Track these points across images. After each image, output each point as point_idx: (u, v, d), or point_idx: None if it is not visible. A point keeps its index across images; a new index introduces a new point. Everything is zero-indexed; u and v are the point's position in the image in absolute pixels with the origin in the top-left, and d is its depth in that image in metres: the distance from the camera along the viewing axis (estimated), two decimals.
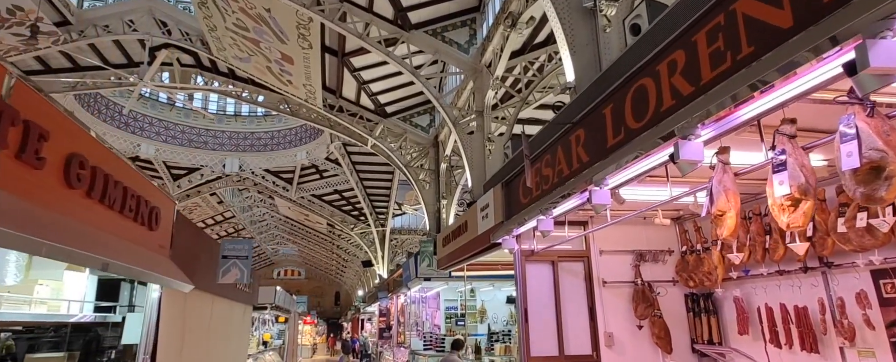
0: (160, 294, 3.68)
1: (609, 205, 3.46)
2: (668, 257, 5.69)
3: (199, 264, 4.58)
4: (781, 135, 2.46)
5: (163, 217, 3.44)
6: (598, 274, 5.57)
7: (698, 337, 5.36)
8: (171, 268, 3.47)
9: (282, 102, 17.62)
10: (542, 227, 4.19)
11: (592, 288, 5.54)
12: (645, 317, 5.35)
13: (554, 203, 4.06)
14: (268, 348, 11.78)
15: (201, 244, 4.57)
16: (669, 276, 5.64)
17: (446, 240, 7.89)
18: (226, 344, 6.20)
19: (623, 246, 5.68)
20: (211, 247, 4.75)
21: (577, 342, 5.40)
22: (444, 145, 15.85)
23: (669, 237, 5.79)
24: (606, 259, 5.64)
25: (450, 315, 11.49)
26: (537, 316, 5.41)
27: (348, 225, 26.29)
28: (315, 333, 33.70)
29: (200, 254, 4.58)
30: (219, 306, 5.63)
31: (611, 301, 5.50)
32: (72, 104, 19.72)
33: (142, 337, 3.46)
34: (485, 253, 6.25)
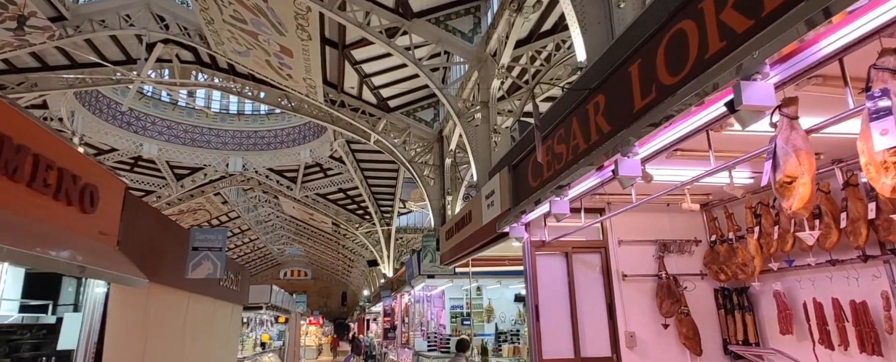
0: (107, 290, 3.09)
1: (638, 177, 2.84)
2: (695, 247, 5.05)
3: (166, 257, 3.99)
4: (882, 71, 1.83)
5: (104, 198, 2.86)
6: (616, 267, 4.94)
7: (731, 336, 4.71)
8: (116, 260, 2.88)
9: (282, 98, 17.10)
10: (557, 210, 3.57)
11: (611, 283, 4.90)
12: (671, 315, 4.71)
13: (571, 181, 3.44)
14: (267, 350, 11.21)
15: (167, 234, 3.99)
16: (697, 269, 5.00)
17: (450, 233, 7.28)
18: (208, 345, 5.59)
19: (644, 235, 5.04)
20: (180, 238, 4.16)
21: (594, 342, 4.77)
22: (449, 140, 15.25)
23: (695, 225, 5.14)
24: (626, 250, 5.00)
25: (455, 314, 10.88)
26: (550, 314, 4.79)
27: (353, 224, 25.74)
28: (321, 334, 33.13)
29: (165, 245, 3.99)
30: (197, 305, 5.03)
31: (632, 296, 4.87)
32: (72, 103, 19.32)
33: (79, 341, 2.89)
34: (491, 244, 5.63)
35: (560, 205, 3.57)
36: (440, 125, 15.88)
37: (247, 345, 9.31)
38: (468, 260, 7.39)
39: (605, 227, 5.07)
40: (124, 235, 3.13)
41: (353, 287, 46.16)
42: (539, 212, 4.52)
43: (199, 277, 4.00)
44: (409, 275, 11.30)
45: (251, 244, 35.84)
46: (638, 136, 2.74)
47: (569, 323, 4.81)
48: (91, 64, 16.20)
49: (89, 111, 20.22)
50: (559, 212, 3.57)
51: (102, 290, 3.04)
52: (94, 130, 20.39)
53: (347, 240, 30.29)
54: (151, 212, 3.73)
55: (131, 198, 3.30)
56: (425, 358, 10.09)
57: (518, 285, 10.82)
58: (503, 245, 6.56)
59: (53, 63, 16.16)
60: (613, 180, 3.98)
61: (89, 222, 2.73)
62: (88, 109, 20.23)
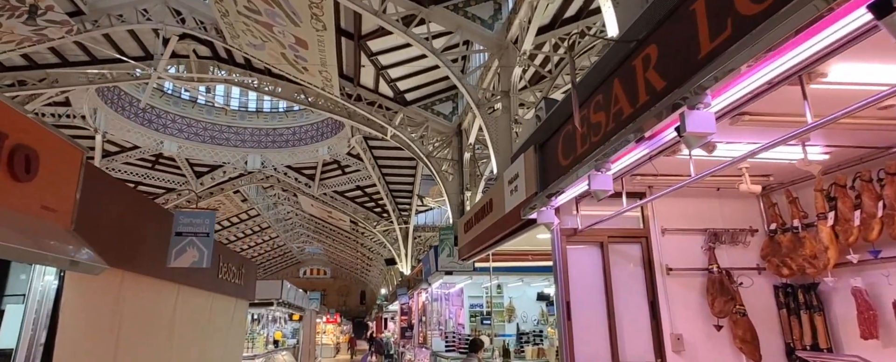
0: (59, 278, 2.56)
1: (710, 134, 2.19)
2: (750, 238, 4.35)
3: (145, 243, 3.45)
4: None
5: (49, 166, 2.32)
6: (660, 259, 4.27)
7: (796, 341, 4.00)
8: (63, 240, 2.33)
9: (299, 92, 16.68)
10: (597, 186, 2.94)
11: (653, 277, 4.24)
12: (724, 315, 4.03)
13: (614, 152, 2.80)
14: (280, 348, 10.74)
15: (146, 216, 3.46)
16: (753, 262, 4.30)
17: (468, 225, 6.67)
18: (204, 343, 5.06)
19: (691, 223, 4.36)
20: (163, 222, 3.63)
21: (635, 346, 4.11)
22: (468, 133, 14.63)
23: (750, 212, 4.44)
24: (671, 240, 4.33)
25: (474, 313, 10.25)
26: (583, 313, 4.14)
27: (371, 222, 25.29)
28: (339, 332, 32.79)
29: (145, 229, 3.46)
30: (189, 299, 4.50)
31: (678, 293, 4.19)
32: (95, 100, 19.23)
33: (21, 338, 2.37)
34: (515, 234, 5.00)
35: (601, 181, 2.93)
36: (459, 118, 15.27)
37: (257, 343, 8.82)
38: (489, 254, 6.77)
39: (646, 214, 4.41)
40: (83, 214, 2.59)
41: (371, 286, 45.82)
42: (571, 195, 3.89)
43: (182, 266, 3.46)
44: (426, 272, 10.71)
45: (271, 242, 35.70)
46: (714, 80, 2.09)
47: (605, 323, 4.16)
48: (110, 60, 16.01)
49: (111, 108, 20.13)
50: (600, 188, 2.93)
51: (50, 279, 2.52)
52: (117, 128, 20.30)
53: (365, 238, 29.88)
54: (124, 191, 3.20)
55: (93, 172, 2.76)
56: (443, 358, 9.49)
57: (541, 283, 10.14)
58: (526, 237, 5.93)
59: (73, 59, 16.01)
60: (661, 153, 3.34)
61: (24, 194, 2.19)
62: (110, 107, 20.14)
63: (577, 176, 3.37)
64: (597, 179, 2.93)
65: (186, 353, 4.56)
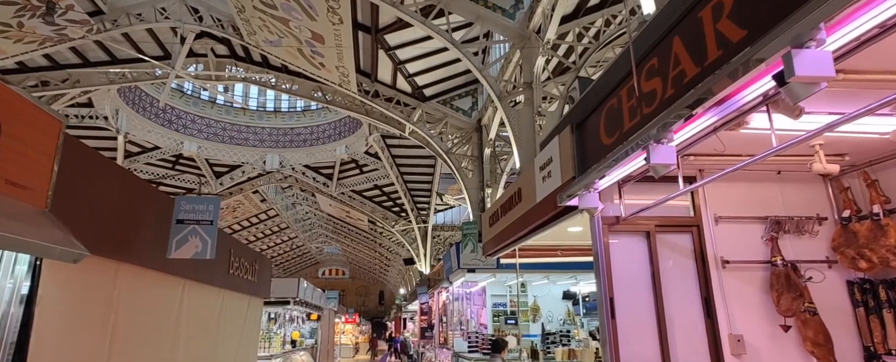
0: (34, 268, 2.19)
1: (828, 79, 1.72)
2: (818, 227, 3.82)
3: (144, 231, 3.08)
4: None
5: (16, 135, 1.95)
6: (713, 251, 3.77)
7: (877, 344, 3.47)
8: (33, 223, 1.96)
9: (316, 90, 16.42)
10: (659, 159, 2.46)
11: (707, 271, 3.74)
12: (791, 314, 3.51)
13: (679, 116, 2.34)
14: (298, 348, 10.41)
15: (145, 202, 3.09)
16: (822, 254, 3.78)
17: (494, 218, 6.22)
18: (215, 341, 4.70)
19: (749, 210, 3.86)
20: (164, 209, 3.26)
21: (688, 347, 3.62)
22: (488, 129, 14.18)
23: (816, 198, 3.92)
24: (726, 229, 3.83)
25: (498, 312, 9.79)
26: (628, 311, 3.67)
27: (390, 222, 24.97)
28: (358, 332, 32.52)
29: (144, 216, 3.10)
30: (197, 295, 4.14)
31: (737, 289, 3.69)
32: (116, 101, 19.25)
33: None
34: (548, 225, 4.54)
35: (662, 153, 2.46)
36: (479, 114, 14.83)
37: (274, 343, 8.49)
38: (515, 249, 6.31)
39: (697, 201, 3.91)
40: (62, 194, 2.21)
41: (390, 286, 45.55)
42: (615, 177, 3.43)
43: (184, 257, 3.08)
44: (448, 270, 10.27)
45: (290, 243, 35.65)
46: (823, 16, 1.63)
47: (653, 323, 3.68)
48: (130, 59, 15.96)
49: (133, 109, 20.15)
50: (662, 161, 2.46)
51: (25, 268, 2.15)
52: (138, 128, 20.32)
53: (384, 238, 29.59)
54: (118, 172, 2.83)
55: (75, 147, 2.39)
56: (465, 359, 9.04)
57: (567, 281, 9.64)
58: (556, 231, 5.46)
59: (94, 59, 16.00)
60: (731, 122, 2.85)
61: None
62: (132, 107, 20.17)
63: (626, 152, 2.90)
64: (658, 152, 2.47)
65: (195, 354, 4.18)
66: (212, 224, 3.15)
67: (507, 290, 9.82)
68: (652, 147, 2.50)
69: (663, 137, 2.49)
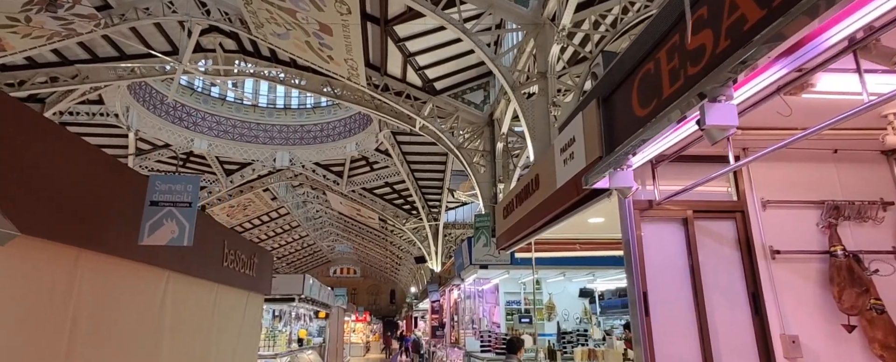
0: None
1: None
2: (883, 213, 3.33)
3: (113, 214, 2.69)
4: None
5: None
6: (761, 240, 3.30)
7: None
8: None
9: (325, 85, 16.08)
10: (716, 121, 2.00)
11: (754, 263, 3.27)
12: (856, 312, 3.03)
13: (744, 64, 1.89)
14: (305, 346, 10.04)
15: (114, 181, 2.70)
16: (887, 244, 3.29)
17: (508, 209, 5.77)
18: (209, 342, 4.32)
19: (802, 193, 3.38)
20: (137, 189, 2.87)
21: (733, 349, 3.15)
22: (501, 123, 13.73)
23: (878, 180, 3.43)
24: (775, 215, 3.36)
25: (511, 311, 9.35)
26: (664, 307, 3.21)
27: (400, 219, 24.59)
28: (369, 331, 32.18)
29: (113, 197, 2.71)
30: (185, 289, 3.75)
31: (789, 283, 3.21)
32: (127, 98, 19.11)
33: None
34: (570, 213, 4.09)
35: (720, 113, 2.00)
36: (490, 107, 14.39)
37: (279, 341, 8.12)
38: (531, 242, 5.86)
39: (741, 183, 3.44)
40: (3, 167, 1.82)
41: (401, 285, 45.23)
42: (650, 154, 2.99)
43: (158, 243, 2.69)
44: (459, 267, 9.84)
45: (301, 241, 35.46)
46: None
47: (693, 320, 3.22)
48: (138, 55, 15.76)
49: (143, 106, 20.01)
50: (720, 122, 2.01)
51: None
52: (148, 126, 20.17)
53: (395, 236, 29.24)
54: (78, 145, 2.44)
55: (17, 110, 2.00)
56: (478, 359, 8.61)
57: (584, 278, 9.16)
58: (575, 222, 5.03)
59: (103, 54, 15.82)
60: (800, 79, 2.39)
61: None
62: (142, 104, 20.02)
63: (669, 119, 2.46)
64: (715, 112, 2.02)
65: (184, 353, 3.79)
66: (190, 206, 2.76)
67: (521, 288, 9.38)
68: (707, 107, 2.05)
69: (720, 94, 2.04)
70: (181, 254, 3.70)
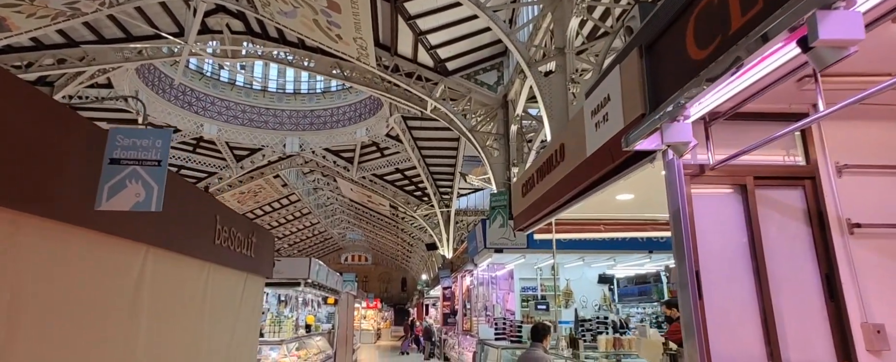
0: None
1: None
2: None
3: (64, 173, 2.25)
4: None
5: None
6: (837, 212, 2.77)
7: None
8: None
9: (334, 66, 15.58)
10: (834, 32, 1.47)
11: (827, 239, 2.74)
12: None
13: None
14: (314, 332, 9.68)
15: (62, 131, 2.25)
16: None
17: (527, 186, 5.26)
18: (199, 326, 3.90)
19: (885, 157, 2.82)
20: (94, 144, 2.40)
21: (803, 340, 2.64)
22: (515, 104, 13.17)
23: None
24: (854, 182, 2.82)
25: (526, 297, 8.88)
26: (720, 290, 2.70)
27: (411, 206, 24.18)
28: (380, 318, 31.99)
29: (64, 152, 2.26)
30: (171, 267, 3.32)
31: (871, 263, 2.68)
32: (136, 82, 18.81)
33: None
34: (602, 184, 3.56)
35: (839, 24, 1.45)
36: (504, 88, 13.81)
37: (285, 327, 7.75)
38: (552, 221, 5.35)
39: (812, 145, 2.90)
40: None
41: (412, 272, 45.03)
42: (708, 106, 2.46)
43: (120, 209, 2.24)
44: (472, 251, 9.37)
45: (312, 228, 35.27)
46: None
47: (755, 306, 2.70)
48: (145, 37, 15.39)
49: (152, 90, 19.70)
50: (839, 36, 1.47)
51: None
52: (158, 110, 19.87)
53: (406, 223, 28.87)
54: (12, 84, 1.97)
55: None
56: (492, 347, 8.17)
57: (603, 263, 8.65)
58: (601, 200, 4.54)
59: (109, 36, 15.47)
60: None
61: None
62: (151, 89, 19.72)
63: (745, 49, 1.92)
64: (831, 22, 1.48)
65: (168, 336, 3.37)
66: (159, 165, 2.29)
67: (538, 273, 8.90)
68: (819, 16, 1.51)
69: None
70: (163, 228, 3.26)
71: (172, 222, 3.35)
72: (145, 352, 3.08)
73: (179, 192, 3.44)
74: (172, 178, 3.32)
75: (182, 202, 3.47)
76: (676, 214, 2.79)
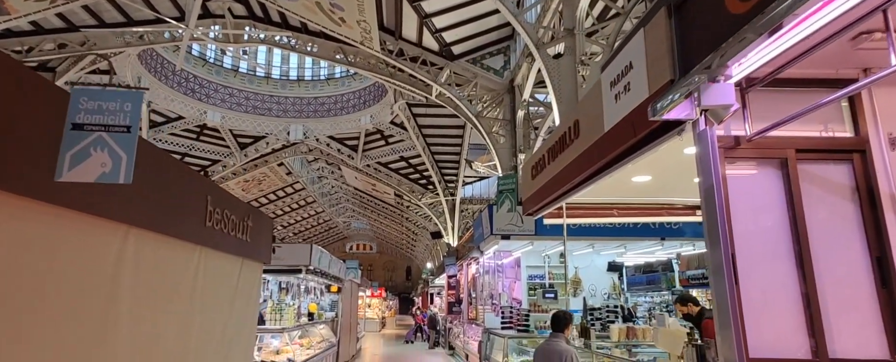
0: None
1: None
2: None
3: (15, 139, 1.98)
4: None
5: None
6: (890, 188, 2.47)
7: None
8: None
9: (337, 51, 15.24)
10: None
11: (879, 219, 2.45)
12: None
13: None
14: (316, 321, 9.48)
15: (15, 92, 1.97)
16: None
17: (538, 167, 4.96)
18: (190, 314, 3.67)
19: None
20: (51, 106, 2.13)
21: (851, 331, 2.36)
22: (522, 89, 12.82)
23: None
24: None
25: (534, 285, 8.62)
26: (758, 275, 2.42)
27: (416, 194, 23.92)
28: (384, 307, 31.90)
29: (18, 116, 1.98)
30: (156, 248, 3.08)
31: None
32: (138, 68, 18.56)
33: None
34: (622, 161, 3.25)
35: None
36: (511, 73, 13.45)
37: (287, 315, 7.53)
38: (563, 205, 5.05)
39: (862, 114, 2.58)
40: None
41: (417, 261, 44.95)
42: (748, 66, 2.15)
43: (83, 180, 1.98)
44: (478, 238, 9.10)
45: (317, 217, 35.13)
46: None
47: (797, 293, 2.42)
48: (145, 21, 15.09)
49: (155, 77, 19.45)
50: None
51: None
52: (161, 97, 19.64)
53: (411, 212, 28.65)
54: None
55: None
56: (498, 336, 7.93)
57: (613, 250, 8.37)
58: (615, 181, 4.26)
59: (109, 20, 15.17)
60: None
61: None
62: (154, 75, 19.46)
63: None
64: None
65: (154, 324, 3.12)
66: (128, 131, 2.02)
67: (545, 261, 8.63)
68: None
69: None
70: (147, 206, 2.99)
71: (157, 201, 3.08)
72: (129, 339, 2.82)
73: (165, 169, 3.18)
74: (156, 153, 3.05)
75: (168, 179, 3.20)
76: (709, 192, 2.49)
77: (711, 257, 2.42)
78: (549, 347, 3.85)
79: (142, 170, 2.36)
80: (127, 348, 2.82)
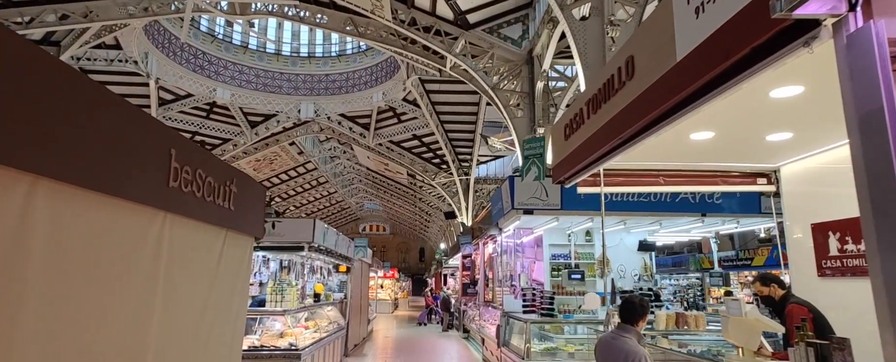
0: None
1: None
2: None
3: None
4: None
5: None
6: None
7: None
8: None
9: (347, 22, 14.36)
10: None
11: None
12: None
13: None
14: (323, 302, 8.82)
15: None
16: None
17: (572, 125, 4.08)
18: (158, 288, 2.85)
19: None
20: None
21: None
22: (541, 59, 11.86)
23: None
24: None
25: (557, 266, 7.84)
26: None
27: (430, 174, 23.14)
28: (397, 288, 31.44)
29: None
30: (81, 209, 2.19)
31: None
32: (144, 42, 17.86)
33: None
34: (703, 97, 2.40)
35: None
36: (530, 43, 12.48)
37: (289, 297, 6.85)
38: (601, 170, 4.20)
39: None
40: None
41: (430, 243, 44.43)
42: None
43: None
44: (497, 214, 8.30)
45: (330, 198, 34.61)
46: None
47: None
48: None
49: (163, 53, 18.76)
50: None
51: None
52: (169, 74, 18.98)
53: (424, 192, 27.94)
54: None
55: None
56: (519, 320, 7.18)
57: (646, 228, 7.52)
58: (666, 140, 3.46)
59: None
60: None
61: None
62: (162, 51, 18.77)
63: None
64: None
65: (93, 304, 2.33)
66: None
67: (570, 239, 7.83)
68: None
69: None
70: (65, 153, 2.16)
71: (80, 147, 2.25)
72: (36, 316, 2.05)
73: (93, 102, 2.35)
74: (76, 78, 2.21)
75: (100, 119, 2.39)
76: (867, 122, 1.64)
77: (875, 223, 1.58)
78: (614, 343, 3.02)
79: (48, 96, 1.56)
80: (33, 345, 2.04)
